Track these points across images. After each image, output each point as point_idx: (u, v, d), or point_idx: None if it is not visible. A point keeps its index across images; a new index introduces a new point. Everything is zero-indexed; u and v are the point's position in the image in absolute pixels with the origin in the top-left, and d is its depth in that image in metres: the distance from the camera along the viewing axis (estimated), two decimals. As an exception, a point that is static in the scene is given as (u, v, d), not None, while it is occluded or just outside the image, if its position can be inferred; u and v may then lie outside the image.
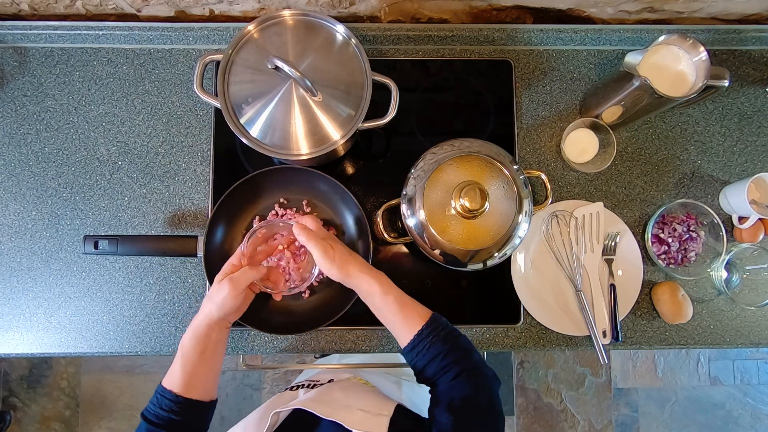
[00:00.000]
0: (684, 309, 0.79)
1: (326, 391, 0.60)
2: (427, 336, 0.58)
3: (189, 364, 0.61)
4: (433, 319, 0.60)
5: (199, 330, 0.62)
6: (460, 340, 0.60)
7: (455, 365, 0.56)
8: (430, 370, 0.57)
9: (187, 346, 0.62)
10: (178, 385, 0.60)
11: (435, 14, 0.89)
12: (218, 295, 0.62)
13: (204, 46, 0.85)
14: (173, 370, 0.62)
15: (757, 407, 1.83)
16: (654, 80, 0.67)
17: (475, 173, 0.67)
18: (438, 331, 0.58)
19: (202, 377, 0.63)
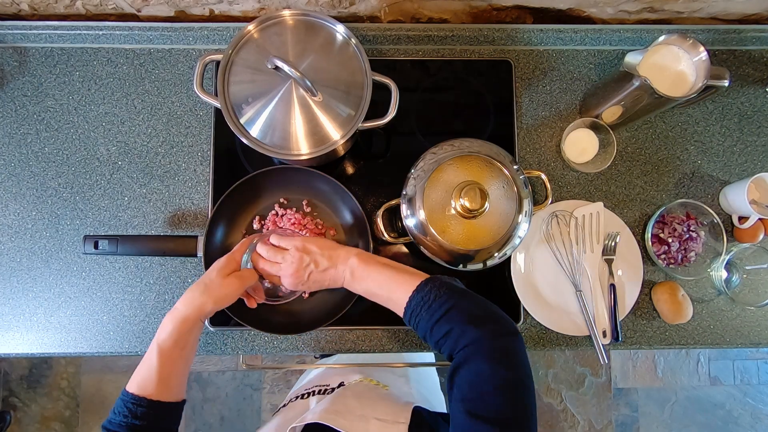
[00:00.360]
0: (684, 309, 0.79)
1: (340, 399, 0.58)
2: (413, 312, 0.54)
3: (167, 365, 0.58)
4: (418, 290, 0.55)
5: (185, 326, 0.59)
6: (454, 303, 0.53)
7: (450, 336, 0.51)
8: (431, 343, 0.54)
9: (167, 345, 0.58)
10: (153, 389, 0.56)
11: (435, 14, 0.89)
12: (222, 290, 0.60)
13: (204, 46, 0.85)
14: (146, 374, 0.57)
15: (757, 407, 1.82)
16: (654, 80, 0.67)
17: (475, 173, 0.67)
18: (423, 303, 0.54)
19: (178, 377, 0.60)
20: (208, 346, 0.80)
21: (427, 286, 0.55)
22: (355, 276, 0.61)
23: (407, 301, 0.55)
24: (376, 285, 0.59)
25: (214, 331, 0.80)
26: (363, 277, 0.60)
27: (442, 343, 0.52)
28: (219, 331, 0.80)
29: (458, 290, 0.55)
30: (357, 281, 0.61)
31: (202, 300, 0.60)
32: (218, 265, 0.64)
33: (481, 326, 0.51)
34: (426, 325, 0.53)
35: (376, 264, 0.61)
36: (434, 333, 0.53)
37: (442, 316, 0.52)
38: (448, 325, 0.51)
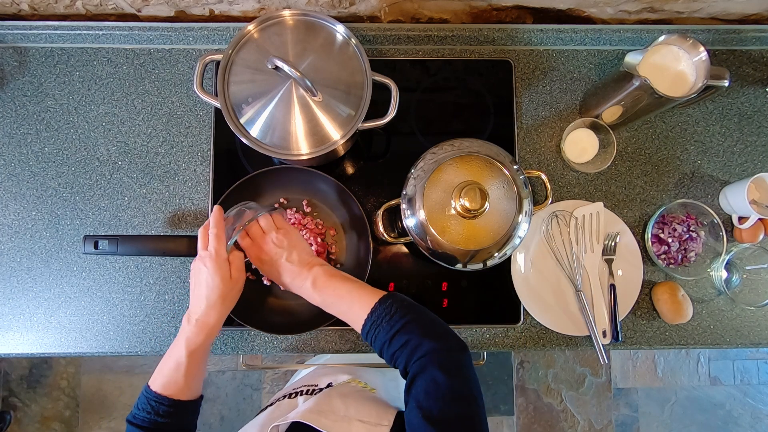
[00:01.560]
0: (684, 309, 0.79)
1: (325, 400, 0.59)
2: (373, 323, 0.57)
3: (194, 368, 0.61)
4: (380, 302, 0.58)
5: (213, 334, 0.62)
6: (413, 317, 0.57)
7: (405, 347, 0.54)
8: (386, 356, 0.56)
9: (199, 353, 0.61)
10: (178, 390, 0.59)
11: (435, 14, 0.89)
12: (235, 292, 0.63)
13: (204, 46, 0.85)
14: (172, 376, 0.60)
15: (757, 407, 1.83)
16: (654, 80, 0.67)
17: (475, 173, 0.67)
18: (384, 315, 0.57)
19: (200, 377, 0.63)
20: (208, 346, 0.80)
21: (388, 300, 0.59)
22: (317, 284, 0.63)
23: (369, 312, 0.58)
24: (336, 296, 0.62)
25: (214, 331, 0.80)
26: (324, 287, 0.63)
27: (398, 355, 0.55)
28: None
29: (415, 307, 0.59)
30: (318, 290, 0.63)
31: (223, 308, 0.62)
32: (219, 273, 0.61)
33: (435, 339, 0.54)
34: (385, 336, 0.56)
35: (339, 277, 0.64)
36: (392, 344, 0.56)
37: (401, 328, 0.55)
38: (406, 336, 0.55)
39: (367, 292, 0.61)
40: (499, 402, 1.77)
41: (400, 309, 0.57)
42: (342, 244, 0.81)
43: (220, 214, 0.64)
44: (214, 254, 0.61)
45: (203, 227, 0.64)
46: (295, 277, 0.65)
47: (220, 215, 0.64)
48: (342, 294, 0.62)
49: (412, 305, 0.59)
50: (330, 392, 0.62)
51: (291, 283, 0.65)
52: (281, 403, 0.65)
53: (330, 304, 0.63)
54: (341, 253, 0.81)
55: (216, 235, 0.62)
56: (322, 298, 0.63)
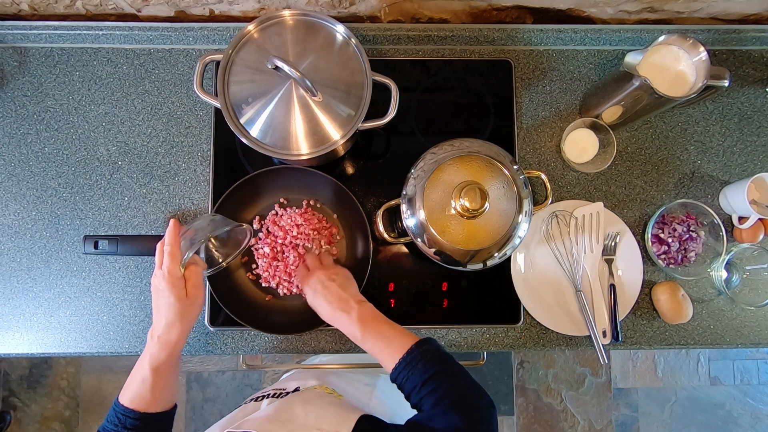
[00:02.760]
0: (684, 309, 0.79)
1: (286, 407, 0.58)
2: (408, 363, 0.57)
3: (160, 383, 0.60)
4: (418, 345, 0.59)
5: (177, 350, 0.62)
6: (448, 366, 0.58)
7: (436, 391, 0.54)
8: (414, 398, 0.56)
9: (163, 370, 0.60)
10: (145, 403, 0.59)
11: (435, 14, 0.89)
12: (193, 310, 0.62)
13: (204, 46, 0.85)
14: (139, 391, 0.60)
15: (757, 407, 1.82)
16: (654, 80, 0.67)
17: (475, 173, 0.67)
18: (419, 358, 0.57)
19: (169, 389, 0.62)
20: (208, 346, 0.80)
21: (425, 345, 0.59)
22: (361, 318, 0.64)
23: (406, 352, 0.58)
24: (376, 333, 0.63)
25: (214, 331, 0.80)
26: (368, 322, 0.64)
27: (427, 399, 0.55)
28: (219, 331, 0.80)
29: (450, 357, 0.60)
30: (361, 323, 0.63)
31: (183, 326, 0.62)
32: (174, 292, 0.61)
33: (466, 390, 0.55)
34: (418, 379, 0.56)
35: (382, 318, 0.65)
36: (425, 387, 0.56)
37: (435, 375, 0.56)
38: (439, 383, 0.55)
39: (406, 336, 0.61)
40: (499, 402, 1.77)
41: (436, 356, 0.58)
42: (342, 244, 0.81)
43: (176, 231, 0.63)
44: (167, 273, 0.60)
45: (159, 243, 0.63)
46: (341, 304, 0.65)
47: (175, 231, 0.62)
48: (383, 333, 0.62)
49: (446, 354, 0.60)
50: (293, 398, 0.61)
51: (333, 310, 0.65)
52: (246, 406, 0.65)
53: (368, 340, 0.62)
54: (341, 253, 0.81)
55: (170, 253, 0.61)
56: (363, 333, 0.63)
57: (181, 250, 0.62)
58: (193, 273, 0.63)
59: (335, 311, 0.65)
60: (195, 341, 0.80)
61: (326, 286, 0.67)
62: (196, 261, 0.67)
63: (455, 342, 0.82)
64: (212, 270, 0.72)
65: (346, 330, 0.65)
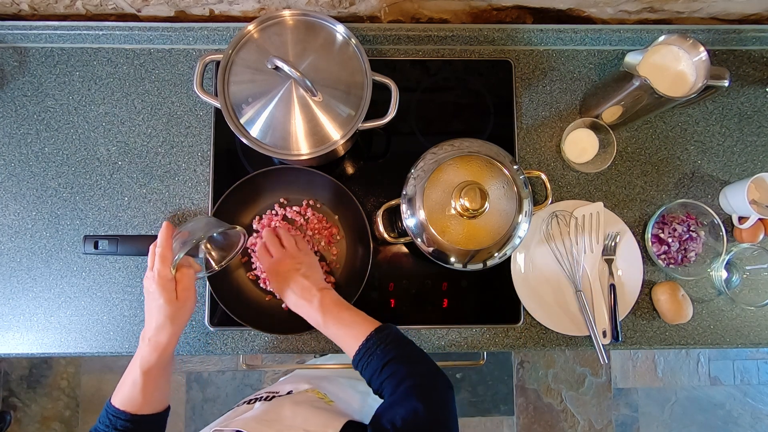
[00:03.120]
0: (684, 309, 0.79)
1: (275, 408, 0.59)
2: (368, 349, 0.59)
3: (151, 385, 0.60)
4: (377, 332, 0.60)
5: (167, 353, 0.61)
6: (406, 350, 0.59)
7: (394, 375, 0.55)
8: (375, 383, 0.57)
9: (153, 373, 0.60)
10: (137, 405, 0.59)
11: (435, 14, 0.89)
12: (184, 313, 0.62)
13: (204, 46, 0.85)
14: (130, 392, 0.60)
15: (757, 407, 1.82)
16: (654, 80, 0.67)
17: (475, 173, 0.67)
18: (378, 343, 0.58)
19: (161, 391, 0.62)
20: (208, 346, 0.80)
21: (384, 330, 0.61)
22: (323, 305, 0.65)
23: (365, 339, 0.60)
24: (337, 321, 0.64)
25: (214, 331, 0.80)
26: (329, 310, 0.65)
27: (386, 383, 0.56)
28: (219, 331, 0.80)
29: (408, 341, 0.62)
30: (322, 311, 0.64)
31: (173, 329, 0.61)
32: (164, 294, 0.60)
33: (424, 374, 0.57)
34: (377, 364, 0.58)
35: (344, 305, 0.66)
36: (383, 372, 0.57)
37: (393, 359, 0.57)
38: (396, 366, 0.57)
39: (366, 323, 0.62)
40: (499, 402, 1.77)
41: (394, 341, 0.59)
42: (342, 244, 0.81)
43: (168, 232, 0.62)
44: (157, 275, 0.60)
45: (152, 244, 0.63)
46: (304, 293, 0.66)
47: (167, 233, 0.62)
48: (344, 319, 0.64)
49: (405, 339, 0.61)
50: (283, 400, 0.62)
51: (297, 299, 0.66)
52: (239, 408, 0.65)
53: (329, 326, 0.64)
54: (341, 253, 0.81)
55: (161, 255, 0.60)
56: (325, 319, 0.64)
57: (173, 252, 0.61)
58: (184, 275, 0.62)
59: (298, 300, 0.66)
60: (195, 341, 0.80)
61: (290, 276, 0.67)
62: (190, 263, 0.66)
63: (455, 342, 0.82)
64: (207, 273, 0.72)
65: (309, 317, 0.66)
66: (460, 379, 1.77)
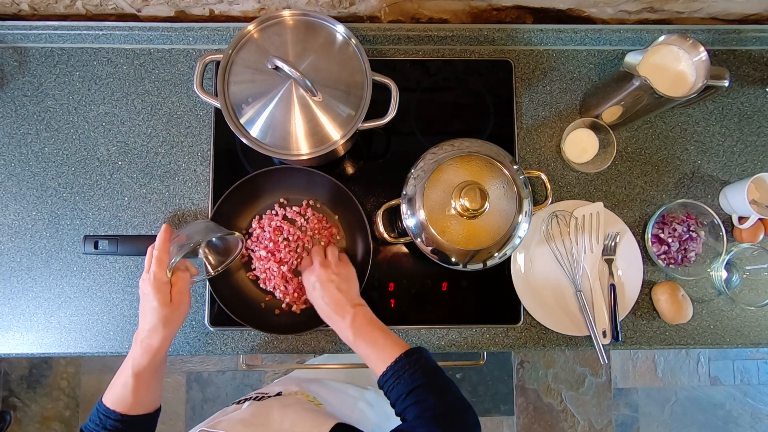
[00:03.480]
0: (684, 309, 0.79)
1: (263, 411, 0.58)
2: (395, 372, 0.57)
3: (141, 386, 0.60)
4: (407, 355, 0.58)
5: (158, 356, 0.61)
6: (436, 379, 0.57)
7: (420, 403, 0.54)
8: (399, 407, 0.56)
9: (144, 374, 0.60)
10: (127, 405, 0.59)
11: (435, 14, 0.89)
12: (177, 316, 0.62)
13: (204, 46, 0.85)
14: (121, 393, 0.60)
15: (757, 407, 1.82)
16: (654, 80, 0.67)
17: (475, 173, 0.67)
18: (407, 368, 0.57)
19: (152, 393, 0.62)
20: (208, 346, 0.80)
21: (414, 354, 0.59)
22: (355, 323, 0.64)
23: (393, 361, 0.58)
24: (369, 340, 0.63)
25: (214, 331, 0.80)
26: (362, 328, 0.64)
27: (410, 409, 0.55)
28: (219, 331, 0.80)
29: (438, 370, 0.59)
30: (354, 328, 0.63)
31: (165, 332, 0.61)
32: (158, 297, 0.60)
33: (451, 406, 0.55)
34: (403, 389, 0.56)
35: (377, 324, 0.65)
36: (409, 397, 0.55)
37: (421, 386, 0.56)
38: (425, 395, 0.55)
39: (397, 343, 0.61)
40: (499, 402, 1.77)
41: (424, 368, 0.58)
42: (342, 244, 0.81)
43: (166, 235, 0.62)
44: (153, 278, 0.60)
45: (150, 246, 0.63)
46: (338, 308, 0.65)
47: (165, 236, 0.62)
48: (376, 340, 0.62)
49: (435, 367, 0.59)
50: (272, 402, 0.61)
51: (330, 312, 0.66)
52: (227, 409, 0.65)
53: (359, 345, 0.63)
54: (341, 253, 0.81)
55: (157, 257, 0.61)
56: (355, 338, 0.63)
57: (170, 255, 0.62)
58: (179, 279, 0.63)
59: (331, 313, 0.65)
60: (195, 341, 0.80)
61: (324, 287, 0.67)
62: (187, 267, 0.67)
63: (455, 342, 0.82)
64: (203, 278, 0.72)
65: (340, 333, 0.65)
66: (460, 379, 1.77)
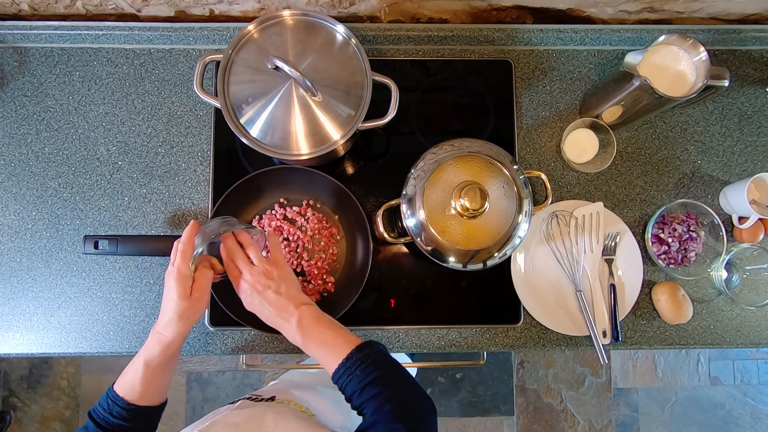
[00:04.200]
0: (684, 309, 0.79)
1: (257, 417, 0.58)
2: (347, 369, 0.56)
3: (151, 378, 0.60)
4: (358, 350, 0.58)
5: (170, 350, 0.61)
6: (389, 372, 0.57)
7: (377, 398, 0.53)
8: (355, 402, 0.56)
9: (154, 364, 0.60)
10: (135, 395, 0.59)
11: (435, 14, 0.89)
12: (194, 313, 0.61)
13: (204, 46, 0.85)
14: (131, 381, 0.60)
15: (757, 407, 1.82)
16: (654, 80, 0.67)
17: (475, 173, 0.67)
18: (358, 363, 0.56)
19: (160, 385, 0.63)
20: (208, 346, 0.80)
21: (365, 349, 0.58)
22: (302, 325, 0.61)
23: (345, 357, 0.57)
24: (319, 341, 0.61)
25: (214, 331, 0.80)
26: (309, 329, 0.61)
27: (367, 405, 0.54)
28: (219, 331, 0.80)
29: (390, 361, 0.59)
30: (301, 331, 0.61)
31: (180, 325, 0.61)
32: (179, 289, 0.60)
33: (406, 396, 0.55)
34: (358, 385, 0.55)
35: (324, 321, 0.63)
36: (363, 393, 0.55)
37: (375, 380, 0.55)
38: (378, 389, 0.54)
39: (347, 340, 0.60)
40: (499, 402, 1.77)
41: (376, 362, 0.57)
42: (342, 244, 0.81)
43: (193, 231, 0.62)
44: (176, 271, 0.60)
45: (176, 240, 0.63)
46: (280, 312, 0.62)
47: (192, 231, 0.62)
48: (325, 339, 0.61)
49: (388, 359, 0.59)
50: (266, 408, 0.61)
51: (274, 318, 0.63)
52: (220, 409, 0.65)
53: (309, 346, 0.61)
54: (341, 253, 0.81)
55: (182, 251, 0.61)
56: (304, 340, 0.61)
57: (193, 249, 0.62)
58: (202, 275, 0.63)
59: (275, 319, 0.63)
60: (195, 341, 0.80)
61: (262, 295, 0.63)
62: (213, 265, 0.66)
63: (455, 342, 0.82)
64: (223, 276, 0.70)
65: (288, 337, 0.63)
66: (460, 379, 1.77)
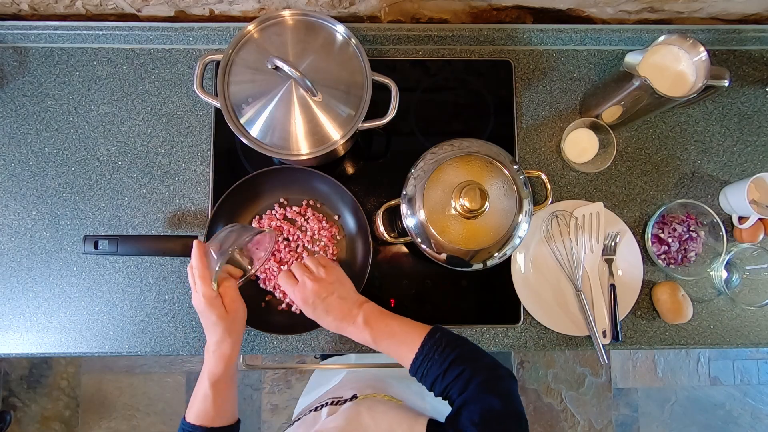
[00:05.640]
0: (684, 309, 0.79)
1: (354, 417, 0.57)
2: (425, 356, 0.57)
3: (221, 396, 0.62)
4: (430, 336, 0.59)
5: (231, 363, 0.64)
6: (464, 349, 0.58)
7: (461, 376, 0.55)
8: (438, 388, 0.57)
9: (222, 384, 0.63)
10: (209, 419, 0.61)
11: (435, 14, 0.89)
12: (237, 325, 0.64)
13: (204, 46, 0.85)
14: (202, 407, 0.62)
15: (757, 407, 1.82)
16: (654, 80, 0.67)
17: (475, 173, 0.67)
18: (435, 348, 0.57)
19: (230, 403, 0.65)
20: (208, 346, 0.80)
21: (436, 333, 0.60)
22: (368, 322, 0.63)
23: (420, 346, 0.59)
24: (387, 334, 0.62)
25: (214, 331, 0.80)
26: (376, 324, 0.63)
27: (452, 386, 0.56)
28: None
29: (462, 339, 0.60)
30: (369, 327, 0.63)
31: (233, 339, 0.63)
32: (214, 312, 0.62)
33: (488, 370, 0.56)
34: (438, 369, 0.57)
35: (388, 314, 0.65)
36: (446, 376, 0.56)
37: (454, 361, 0.56)
38: (460, 368, 0.56)
39: (415, 328, 0.61)
40: (499, 402, 1.77)
41: (450, 342, 0.58)
42: (342, 244, 0.81)
43: (201, 251, 0.62)
44: (202, 296, 0.61)
45: (189, 266, 0.63)
46: (345, 315, 0.64)
47: (200, 252, 0.62)
48: (394, 331, 0.62)
49: (459, 338, 0.60)
50: (358, 407, 0.60)
51: (339, 323, 0.64)
52: (306, 418, 0.65)
53: (380, 341, 0.62)
54: (341, 252, 0.81)
55: (200, 276, 0.61)
56: (374, 336, 0.62)
57: (210, 270, 0.62)
58: (228, 289, 0.64)
59: (340, 323, 0.64)
60: (195, 341, 0.80)
61: (326, 302, 0.64)
62: (230, 273, 0.67)
63: (455, 342, 0.82)
64: (243, 279, 0.70)
65: (357, 338, 0.64)
66: (460, 379, 1.77)
